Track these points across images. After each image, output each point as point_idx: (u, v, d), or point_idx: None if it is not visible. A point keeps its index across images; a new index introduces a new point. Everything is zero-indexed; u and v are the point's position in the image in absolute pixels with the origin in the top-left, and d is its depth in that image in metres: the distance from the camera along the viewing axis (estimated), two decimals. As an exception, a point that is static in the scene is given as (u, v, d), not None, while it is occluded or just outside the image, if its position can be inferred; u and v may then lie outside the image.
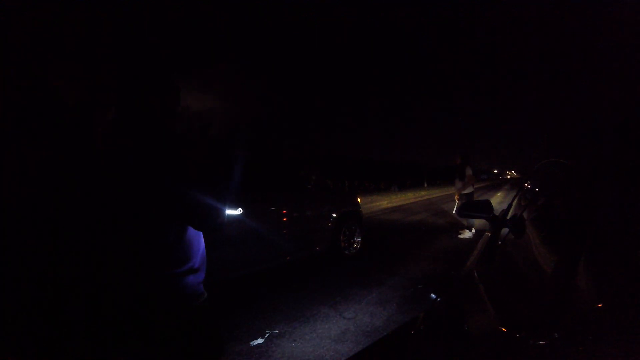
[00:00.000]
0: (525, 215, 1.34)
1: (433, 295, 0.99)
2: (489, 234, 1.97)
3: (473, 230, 5.62)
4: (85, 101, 0.91)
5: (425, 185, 27.32)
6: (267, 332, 2.31)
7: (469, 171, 5.57)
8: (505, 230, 1.43)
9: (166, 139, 0.84)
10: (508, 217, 1.53)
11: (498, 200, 12.14)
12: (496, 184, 37.49)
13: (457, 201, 5.89)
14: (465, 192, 5.63)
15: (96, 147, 0.82)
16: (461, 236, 5.56)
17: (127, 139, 0.81)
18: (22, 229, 0.79)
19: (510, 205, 1.86)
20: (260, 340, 2.20)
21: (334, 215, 4.01)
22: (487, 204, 1.56)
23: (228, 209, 2.77)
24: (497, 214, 1.54)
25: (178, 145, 0.84)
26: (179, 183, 0.77)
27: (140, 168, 0.77)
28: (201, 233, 0.86)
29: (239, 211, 2.85)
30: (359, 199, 4.69)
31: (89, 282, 0.76)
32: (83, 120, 0.88)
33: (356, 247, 4.33)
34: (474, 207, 1.66)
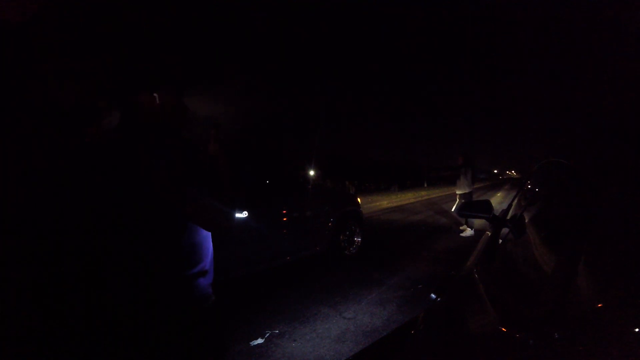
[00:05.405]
0: (525, 215, 1.34)
1: (433, 295, 0.98)
2: (489, 234, 1.97)
3: (473, 227, 5.65)
4: (85, 103, 0.91)
5: (426, 185, 27.33)
6: (267, 332, 2.31)
7: (469, 172, 5.64)
8: (505, 230, 1.43)
9: (174, 142, 0.85)
10: (508, 217, 1.53)
11: (498, 200, 12.14)
12: (496, 184, 37.48)
13: (457, 200, 5.95)
14: (461, 192, 5.66)
15: (103, 149, 0.82)
16: (462, 234, 5.59)
17: (134, 141, 0.81)
18: (26, 231, 0.79)
19: (510, 205, 1.85)
20: (260, 340, 2.20)
21: (334, 215, 4.02)
22: (487, 204, 1.56)
23: (237, 212, 2.75)
24: (497, 214, 1.54)
25: (186, 148, 0.84)
26: (189, 186, 0.77)
27: (149, 171, 0.77)
28: (210, 234, 0.86)
29: (244, 214, 2.85)
30: (359, 199, 4.70)
31: (101, 284, 0.75)
32: (83, 123, 0.88)
33: (356, 247, 4.33)
34: (474, 207, 1.66)
